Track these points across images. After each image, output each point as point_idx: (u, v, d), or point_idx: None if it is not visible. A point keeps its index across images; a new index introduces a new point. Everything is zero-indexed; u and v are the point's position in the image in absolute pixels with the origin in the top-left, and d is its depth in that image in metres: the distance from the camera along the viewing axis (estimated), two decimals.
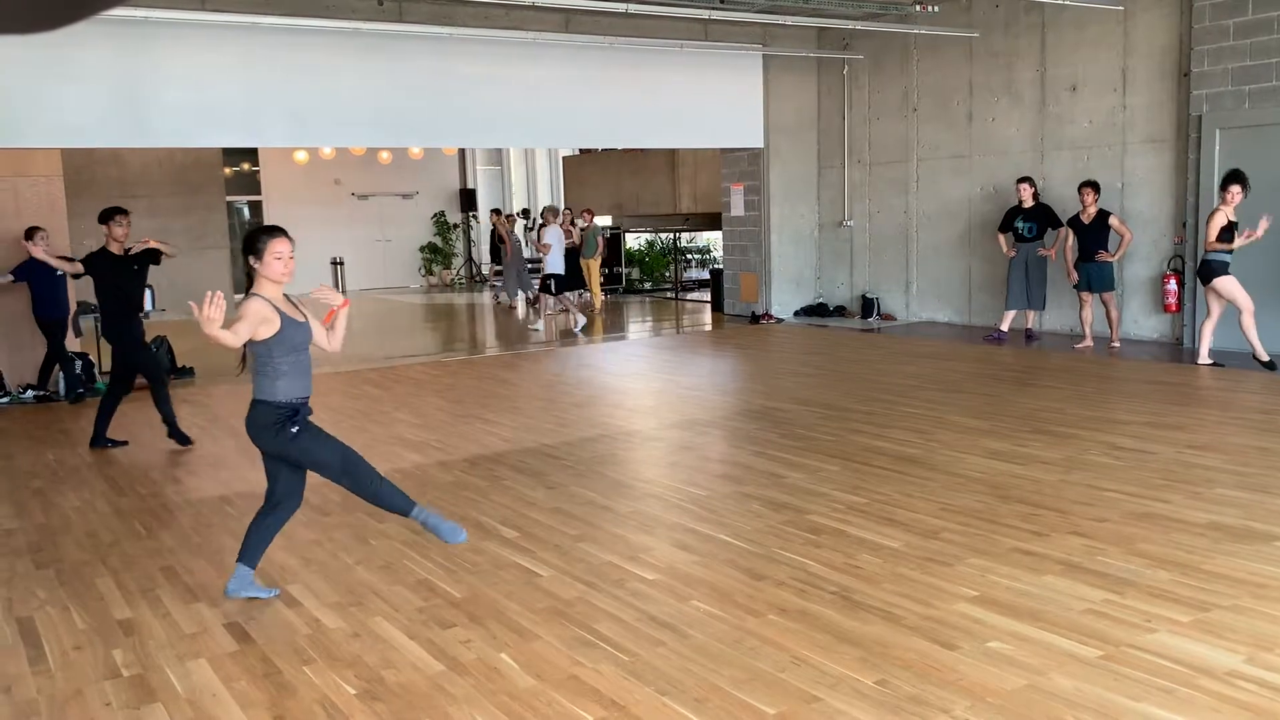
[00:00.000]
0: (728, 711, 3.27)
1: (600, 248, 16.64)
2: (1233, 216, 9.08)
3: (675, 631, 3.90)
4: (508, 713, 3.32)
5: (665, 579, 4.47)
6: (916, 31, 12.53)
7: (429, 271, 22.96)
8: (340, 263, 21.02)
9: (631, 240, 21.25)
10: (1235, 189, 9.03)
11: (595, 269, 16.68)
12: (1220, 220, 9.06)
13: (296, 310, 4.36)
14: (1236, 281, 9.04)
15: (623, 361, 11.49)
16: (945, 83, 12.92)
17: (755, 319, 14.41)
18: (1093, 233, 10.56)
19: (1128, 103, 11.04)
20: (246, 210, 20.79)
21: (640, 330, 14.83)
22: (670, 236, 20.72)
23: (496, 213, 19.23)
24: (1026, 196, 11.28)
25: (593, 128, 12.99)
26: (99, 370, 10.18)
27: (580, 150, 22.03)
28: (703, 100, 13.48)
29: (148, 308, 10.14)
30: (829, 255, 14.78)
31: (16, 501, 6.19)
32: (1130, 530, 4.89)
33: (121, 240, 7.44)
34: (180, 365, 10.70)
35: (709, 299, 16.69)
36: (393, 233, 22.52)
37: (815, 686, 3.42)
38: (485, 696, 3.44)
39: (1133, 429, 6.98)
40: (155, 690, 3.59)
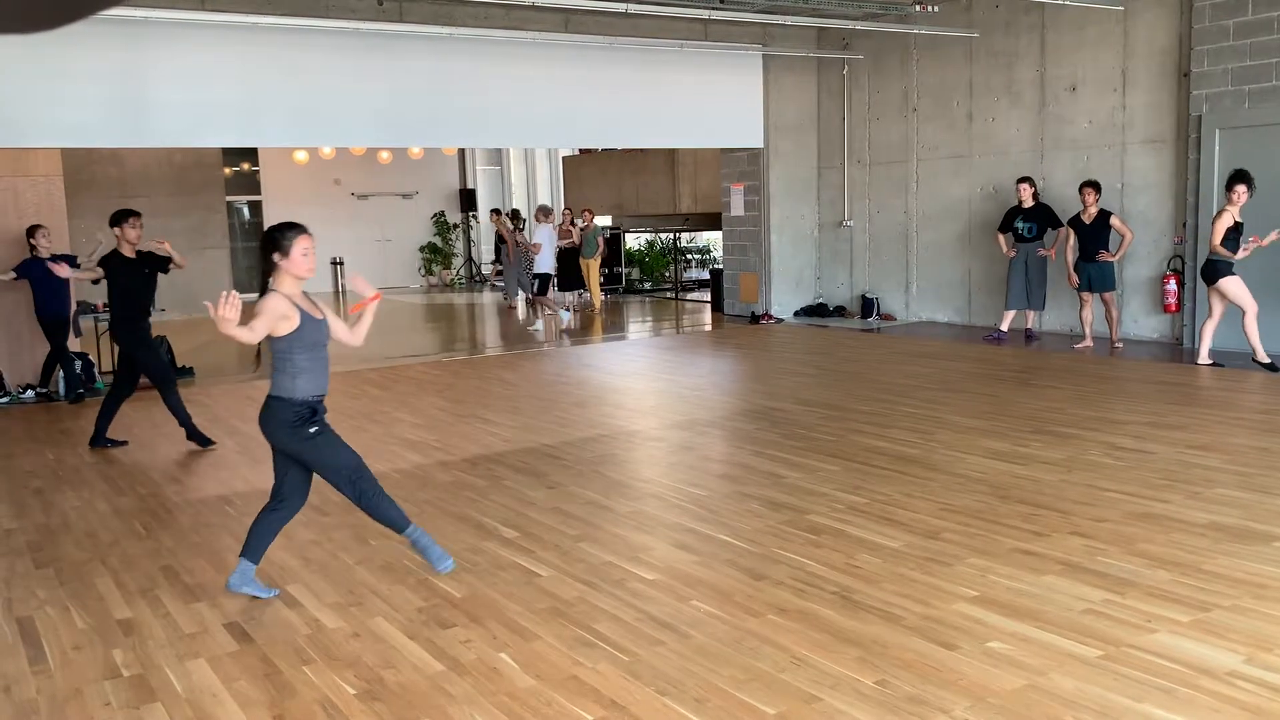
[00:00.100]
0: (727, 711, 3.27)
1: (600, 248, 16.64)
2: (1239, 217, 9.02)
3: (675, 631, 3.90)
4: (507, 713, 3.32)
5: (665, 579, 4.47)
6: (916, 31, 12.54)
7: (429, 271, 22.97)
8: (340, 263, 21.02)
9: (631, 240, 21.25)
10: (1241, 189, 8.97)
11: (595, 269, 16.68)
12: (1226, 221, 9.00)
13: (315, 307, 4.36)
14: (1241, 282, 9.01)
15: (623, 361, 11.49)
16: (945, 83, 12.92)
17: (755, 319, 14.41)
18: (1094, 233, 10.56)
19: (1127, 103, 11.04)
20: (246, 210, 20.79)
21: (640, 330, 14.83)
22: (670, 236, 20.73)
23: (496, 213, 19.23)
24: (1026, 196, 11.28)
25: (592, 128, 13.00)
26: (98, 370, 10.19)
27: (580, 150, 22.02)
28: (703, 100, 13.48)
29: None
30: (829, 255, 14.78)
31: (16, 501, 6.19)
32: (1130, 530, 4.89)
33: (134, 243, 7.35)
34: (180, 365, 10.70)
35: (709, 299, 16.70)
36: (393, 233, 22.53)
37: (815, 686, 3.42)
38: (485, 696, 3.44)
39: (1133, 429, 6.99)
40: (155, 690, 3.59)
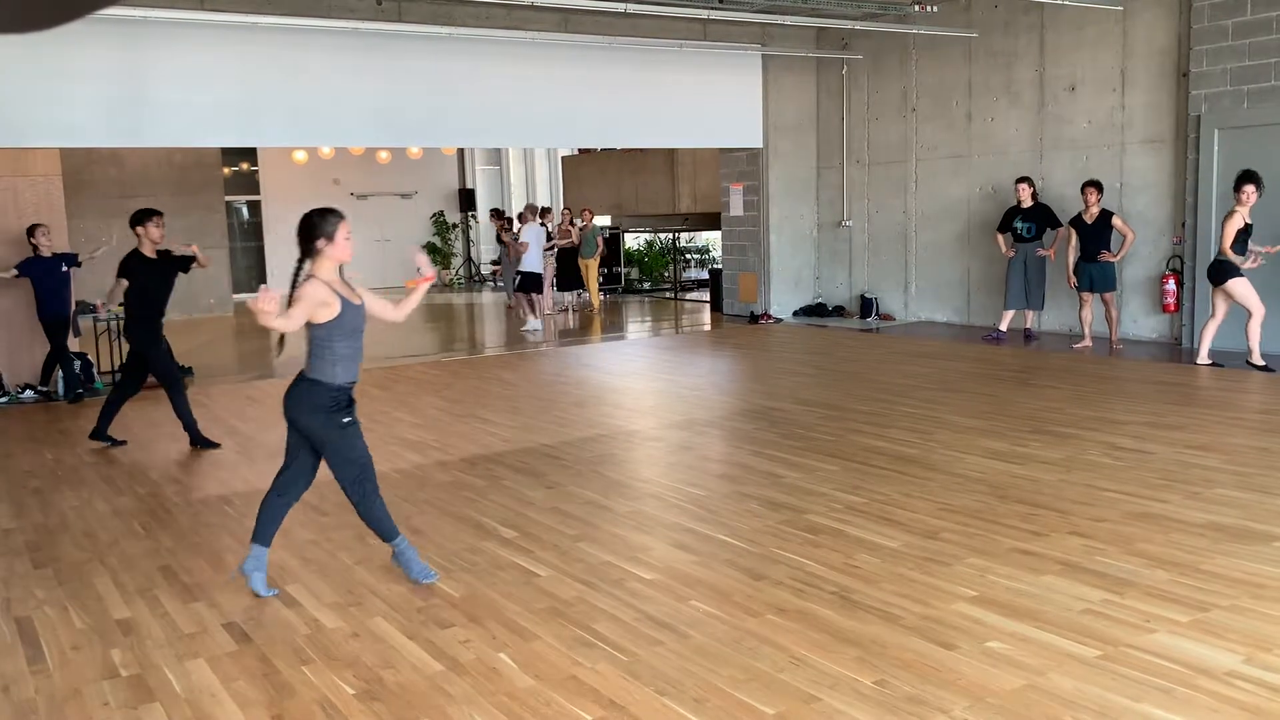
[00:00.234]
0: (726, 711, 3.27)
1: (599, 248, 16.64)
2: (1248, 218, 8.97)
3: (674, 631, 3.90)
4: (506, 713, 3.32)
5: (664, 579, 4.47)
6: (915, 31, 12.54)
7: None
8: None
9: (630, 240, 21.24)
10: (1249, 189, 8.91)
11: (594, 269, 16.68)
12: (1236, 223, 8.93)
13: (352, 292, 4.37)
14: (1249, 284, 8.98)
15: (622, 361, 11.49)
16: (944, 83, 12.92)
17: (754, 319, 14.41)
18: (1095, 232, 10.56)
19: (1126, 103, 11.04)
20: (245, 210, 20.78)
21: (639, 330, 14.82)
22: (669, 236, 20.72)
23: (496, 213, 19.23)
24: (1025, 196, 11.29)
25: (592, 127, 12.99)
26: (97, 370, 10.18)
27: (579, 150, 22.02)
28: (702, 100, 13.48)
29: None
30: (828, 255, 14.78)
31: (15, 501, 6.19)
32: (1129, 530, 4.90)
33: (157, 242, 7.25)
34: (180, 365, 10.68)
35: (708, 299, 16.70)
36: (392, 233, 22.51)
37: (814, 686, 3.42)
38: (484, 696, 3.44)
39: (1132, 429, 6.99)
40: (154, 690, 3.59)
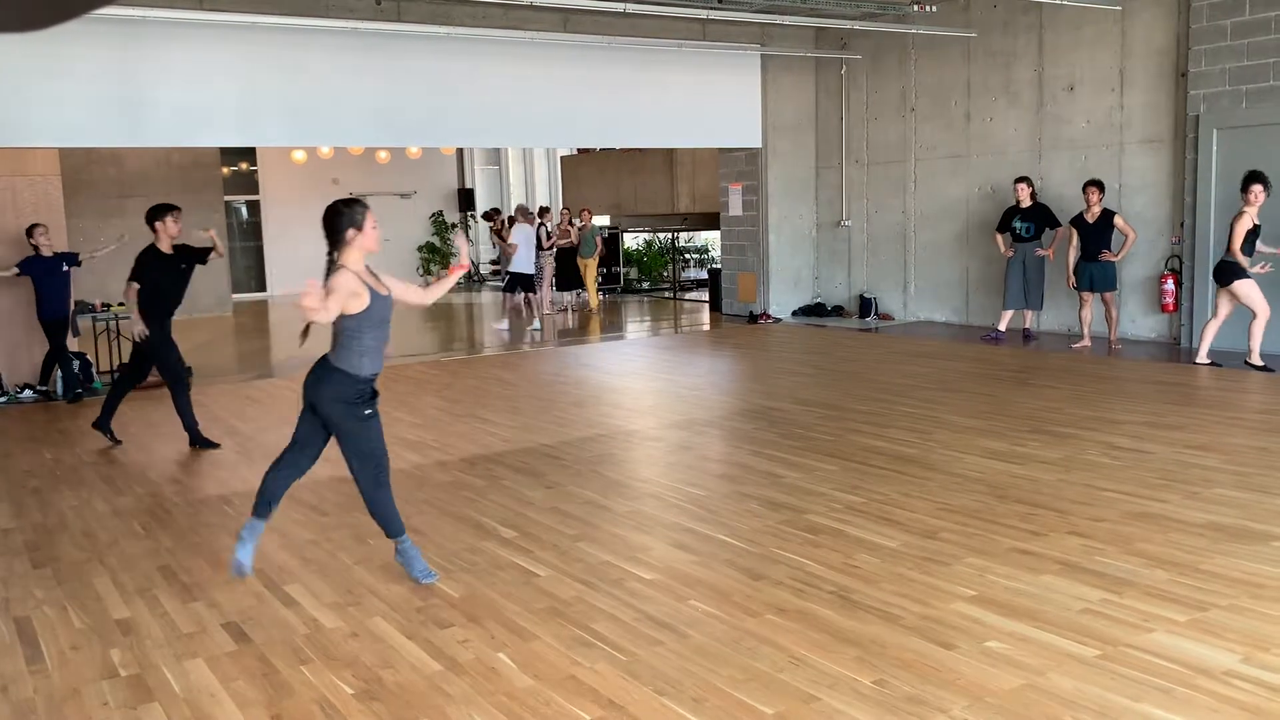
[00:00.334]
0: (726, 711, 3.27)
1: (598, 248, 16.64)
2: (1257, 219, 8.94)
3: (673, 631, 3.90)
4: (506, 712, 3.32)
5: (663, 579, 4.47)
6: (914, 31, 12.54)
7: (427, 271, 22.96)
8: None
9: (630, 240, 21.24)
10: (1257, 189, 8.87)
11: (593, 269, 16.69)
12: (1245, 224, 8.89)
13: (379, 282, 4.40)
14: (1256, 285, 8.97)
15: (621, 361, 11.49)
16: (943, 82, 12.92)
17: (753, 319, 14.41)
18: (1097, 232, 10.55)
19: (1125, 103, 11.05)
20: (245, 210, 20.77)
21: (638, 330, 14.82)
22: (668, 236, 20.73)
23: (495, 213, 19.22)
24: (1024, 196, 11.29)
25: (591, 127, 12.99)
26: (96, 370, 10.18)
27: (578, 150, 22.02)
28: (701, 100, 13.48)
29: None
30: (827, 255, 14.79)
31: (14, 501, 6.18)
32: (1128, 530, 4.90)
33: (175, 237, 7.15)
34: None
35: (707, 299, 16.70)
36: (391, 232, 22.49)
37: (813, 686, 3.42)
38: (483, 696, 3.44)
39: (1131, 429, 6.99)
40: (153, 690, 3.59)
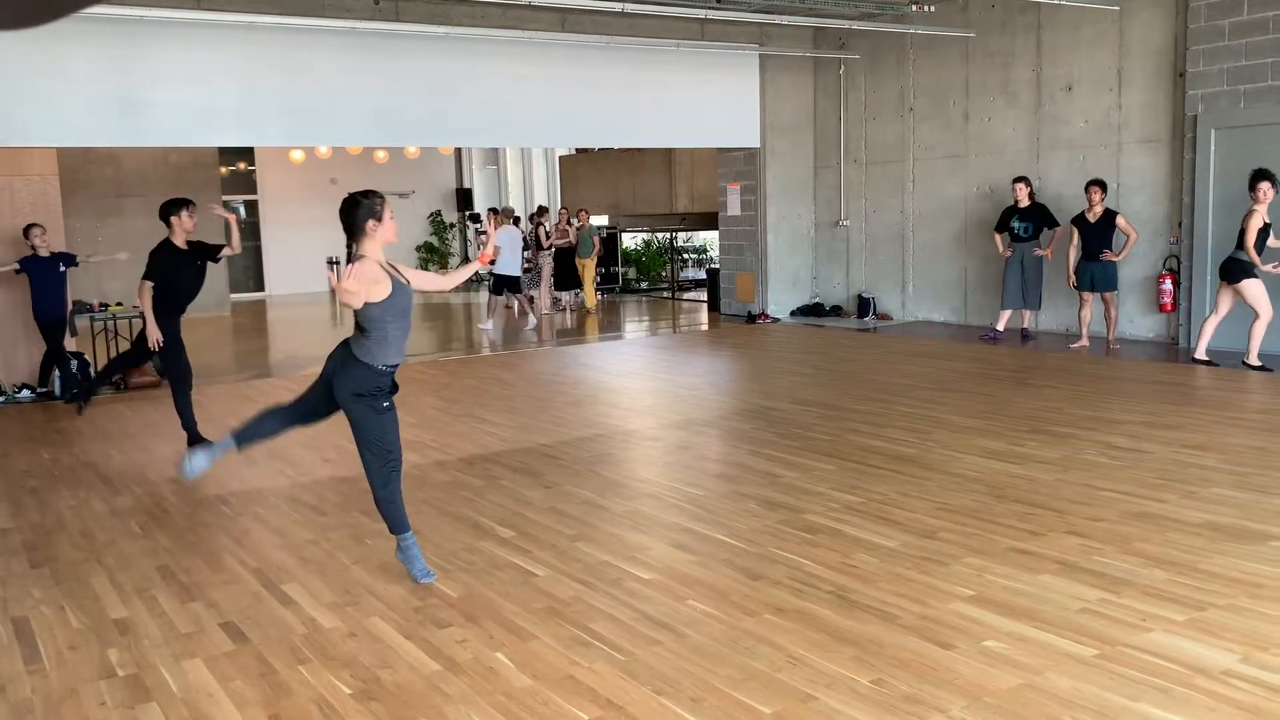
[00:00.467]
0: (724, 711, 3.27)
1: (596, 247, 16.63)
2: (1267, 217, 8.93)
3: (672, 631, 3.90)
4: (504, 712, 3.32)
5: (662, 578, 4.47)
6: (913, 31, 12.55)
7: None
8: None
9: (628, 240, 21.23)
10: (1265, 186, 8.88)
11: (591, 269, 16.68)
12: (1257, 221, 8.88)
13: (399, 273, 4.43)
14: (1263, 285, 8.98)
15: (619, 361, 11.49)
16: (941, 82, 12.93)
17: (751, 319, 14.41)
18: (1098, 232, 10.54)
19: (1123, 102, 11.05)
20: (243, 210, 20.74)
21: (637, 330, 14.82)
22: (667, 236, 20.72)
23: (494, 212, 19.20)
24: (1022, 196, 11.29)
25: (589, 127, 12.99)
26: (94, 370, 10.16)
27: (577, 150, 22.00)
28: (699, 100, 13.48)
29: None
30: (825, 255, 14.79)
31: (12, 501, 6.18)
32: (1126, 530, 4.90)
33: (190, 231, 7.09)
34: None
35: (705, 299, 16.70)
36: None
37: (811, 686, 3.42)
38: (481, 696, 3.44)
39: (1129, 428, 6.99)
40: (150, 690, 3.58)
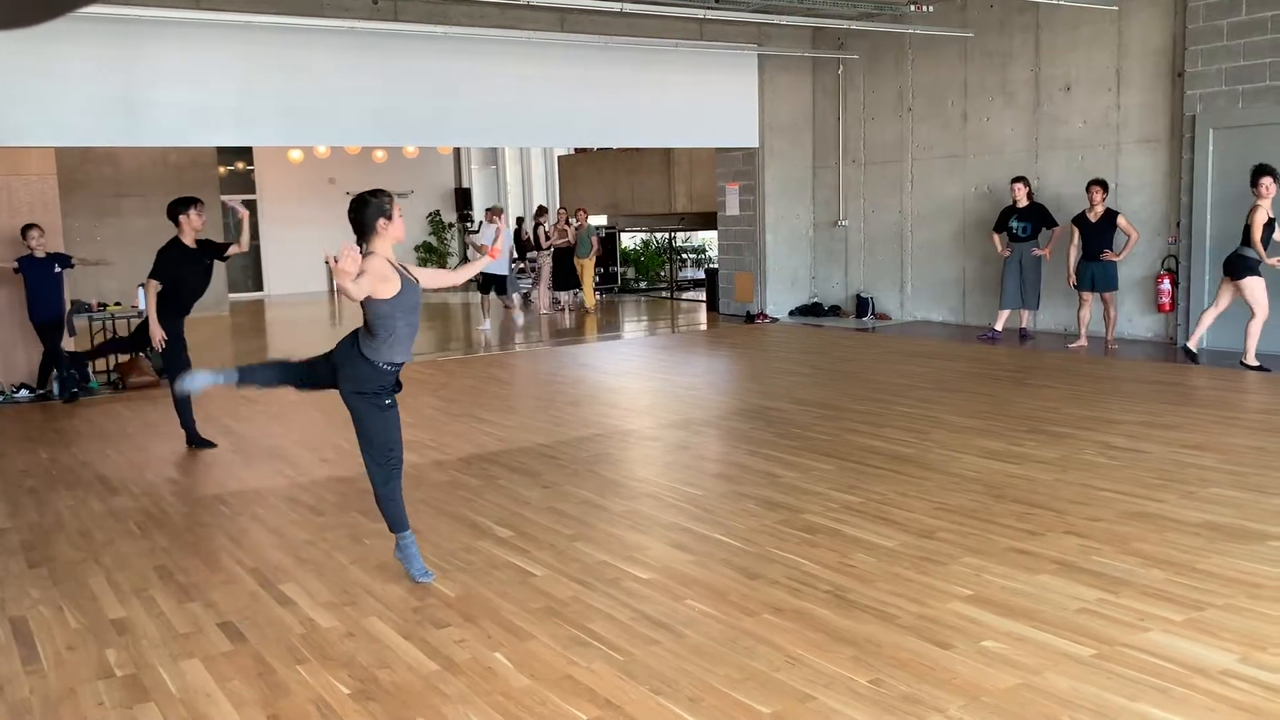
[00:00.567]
0: (722, 711, 3.27)
1: (594, 247, 16.63)
2: (1271, 212, 8.92)
3: (670, 631, 3.90)
4: (502, 712, 3.32)
5: (660, 578, 4.47)
6: (911, 31, 12.54)
7: None
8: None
9: (627, 240, 21.22)
10: (1266, 181, 8.87)
11: (589, 269, 16.68)
12: (1262, 217, 8.87)
13: (408, 272, 4.46)
14: (1264, 285, 8.97)
15: (618, 361, 11.49)
16: (940, 82, 12.93)
17: (750, 318, 14.41)
18: (1100, 232, 10.53)
19: (1122, 102, 11.05)
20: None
21: (635, 330, 14.82)
22: (665, 236, 20.71)
23: (492, 212, 19.18)
24: (1021, 196, 11.29)
25: (588, 127, 12.98)
26: (93, 370, 10.16)
27: (575, 149, 22.00)
28: (698, 100, 13.47)
29: (140, 306, 10.07)
30: (824, 255, 14.79)
31: (10, 500, 6.17)
32: (1125, 529, 4.90)
33: (199, 229, 7.06)
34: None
35: (704, 299, 16.69)
36: None
37: (810, 686, 3.42)
38: (479, 696, 3.43)
39: (1127, 428, 7.00)
40: (148, 690, 3.58)
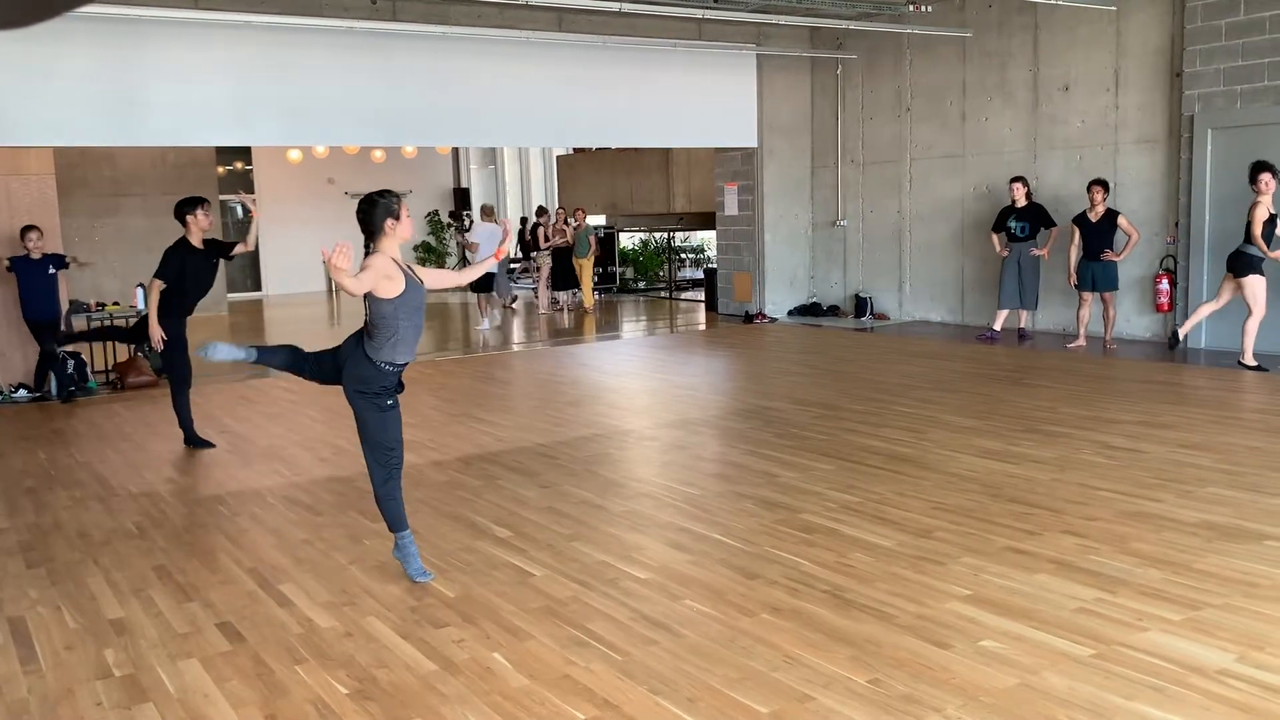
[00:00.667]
0: (721, 711, 3.27)
1: (593, 247, 16.63)
2: (1272, 208, 8.93)
3: (668, 631, 3.90)
4: (500, 712, 3.32)
5: (658, 578, 4.47)
6: (910, 31, 12.54)
7: None
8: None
9: (625, 240, 21.22)
10: (1265, 177, 8.88)
11: (588, 269, 16.68)
12: (1262, 213, 8.89)
13: (413, 273, 4.45)
14: (1265, 284, 8.98)
15: (617, 361, 11.49)
16: (938, 82, 12.93)
17: (749, 318, 14.41)
18: (1100, 231, 10.53)
19: (1120, 103, 11.06)
20: (240, 209, 20.73)
21: (634, 329, 14.82)
22: (664, 236, 20.72)
23: (489, 211, 19.16)
24: (1019, 196, 11.30)
25: (587, 127, 12.98)
26: (91, 369, 10.15)
27: (574, 149, 22.00)
28: (697, 100, 13.47)
29: (139, 306, 10.10)
30: (822, 255, 14.79)
31: (8, 501, 6.17)
32: (1122, 529, 4.91)
33: (206, 229, 7.05)
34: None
35: (703, 298, 16.69)
36: None
37: (808, 685, 3.42)
38: (478, 696, 3.44)
39: (1125, 428, 7.00)
40: (147, 690, 3.58)
